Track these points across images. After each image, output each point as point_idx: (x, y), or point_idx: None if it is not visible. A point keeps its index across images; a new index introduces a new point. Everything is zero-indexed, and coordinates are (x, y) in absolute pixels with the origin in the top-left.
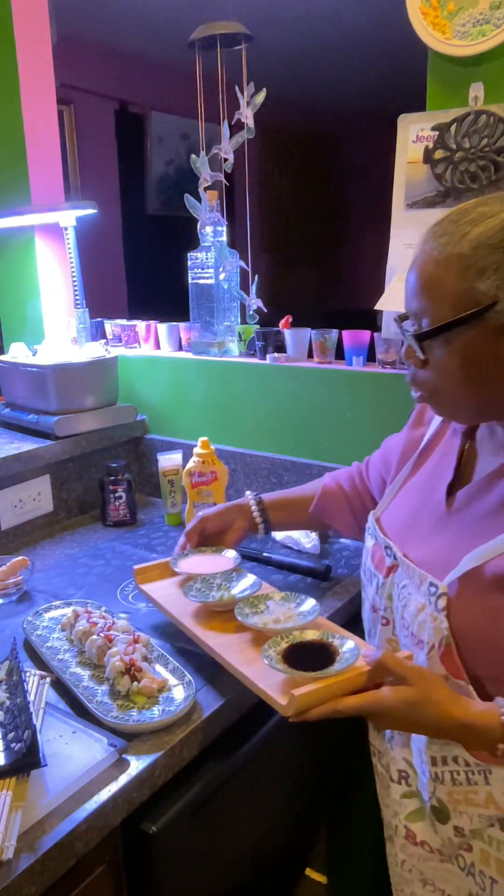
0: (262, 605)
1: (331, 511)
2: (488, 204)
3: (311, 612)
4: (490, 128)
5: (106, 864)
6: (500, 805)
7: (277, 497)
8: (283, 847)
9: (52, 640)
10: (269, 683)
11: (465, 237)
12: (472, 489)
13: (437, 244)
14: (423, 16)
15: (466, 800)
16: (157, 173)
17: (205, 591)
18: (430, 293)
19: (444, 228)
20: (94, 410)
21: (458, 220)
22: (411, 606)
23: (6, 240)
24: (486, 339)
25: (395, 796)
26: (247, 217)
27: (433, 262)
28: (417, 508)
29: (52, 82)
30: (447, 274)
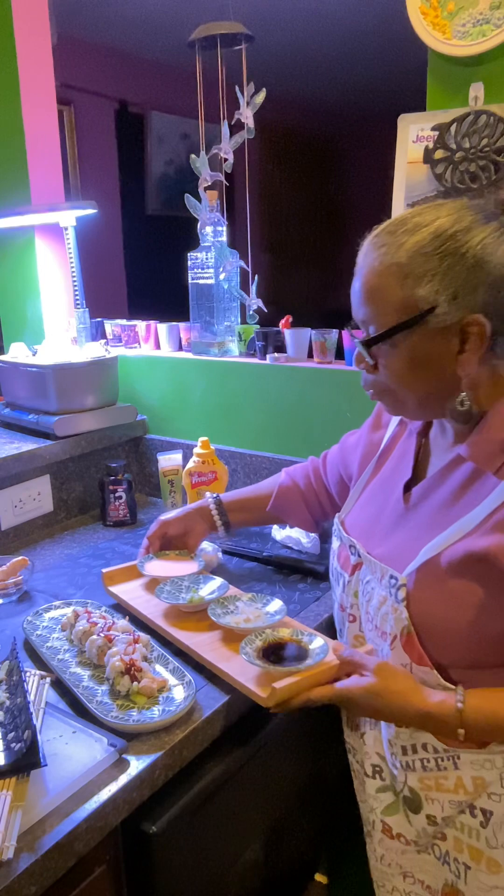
0: (232, 605)
1: (287, 509)
2: (423, 214)
3: (279, 612)
4: (490, 128)
5: (106, 864)
6: (468, 790)
7: (236, 498)
8: (288, 849)
9: (52, 640)
10: (248, 678)
11: (402, 247)
12: (426, 484)
13: (377, 255)
14: (423, 16)
15: (437, 786)
16: (157, 173)
17: (175, 593)
18: (373, 302)
19: (383, 239)
20: (94, 410)
21: (396, 230)
22: (374, 600)
23: (6, 240)
24: (428, 340)
25: (370, 791)
26: (247, 217)
27: (374, 272)
28: (379, 508)
29: (52, 82)
30: (388, 283)
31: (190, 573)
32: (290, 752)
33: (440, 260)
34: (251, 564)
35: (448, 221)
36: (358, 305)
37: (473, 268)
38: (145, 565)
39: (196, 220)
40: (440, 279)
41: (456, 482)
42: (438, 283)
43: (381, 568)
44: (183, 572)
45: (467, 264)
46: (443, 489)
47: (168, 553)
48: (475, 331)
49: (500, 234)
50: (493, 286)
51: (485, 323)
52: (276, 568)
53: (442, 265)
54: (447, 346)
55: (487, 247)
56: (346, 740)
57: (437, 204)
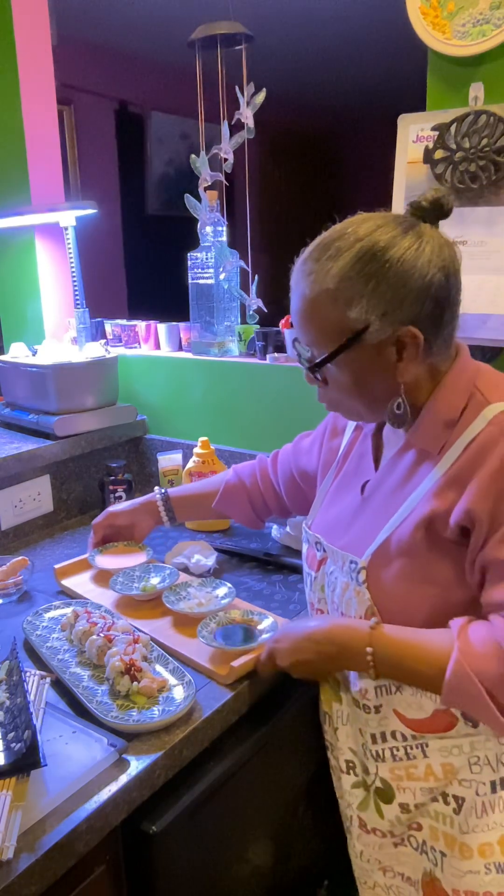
0: (184, 591)
1: (232, 506)
2: (343, 237)
3: (229, 595)
4: (490, 128)
5: (106, 864)
6: (438, 776)
7: (184, 494)
8: (288, 850)
9: (52, 640)
10: (207, 659)
11: (329, 273)
12: (378, 476)
13: (307, 283)
14: (423, 16)
15: (408, 774)
16: (157, 173)
17: (128, 584)
18: (311, 327)
19: (310, 266)
20: (94, 410)
21: (320, 257)
22: (338, 588)
23: (6, 240)
24: (367, 356)
25: (346, 787)
26: (247, 217)
27: (307, 299)
28: (341, 507)
29: (52, 82)
30: (321, 308)
31: (140, 563)
32: (290, 751)
33: (365, 282)
34: (251, 564)
35: (367, 243)
36: (298, 328)
37: (397, 284)
38: (96, 558)
39: (196, 220)
40: (367, 300)
41: (404, 467)
42: (367, 303)
43: (342, 556)
44: (133, 563)
45: (391, 282)
46: (393, 476)
47: (117, 545)
48: (409, 340)
49: (418, 246)
50: (419, 297)
51: (417, 333)
52: (276, 568)
53: (367, 287)
54: (386, 357)
55: (406, 262)
56: (325, 737)
57: (361, 219)
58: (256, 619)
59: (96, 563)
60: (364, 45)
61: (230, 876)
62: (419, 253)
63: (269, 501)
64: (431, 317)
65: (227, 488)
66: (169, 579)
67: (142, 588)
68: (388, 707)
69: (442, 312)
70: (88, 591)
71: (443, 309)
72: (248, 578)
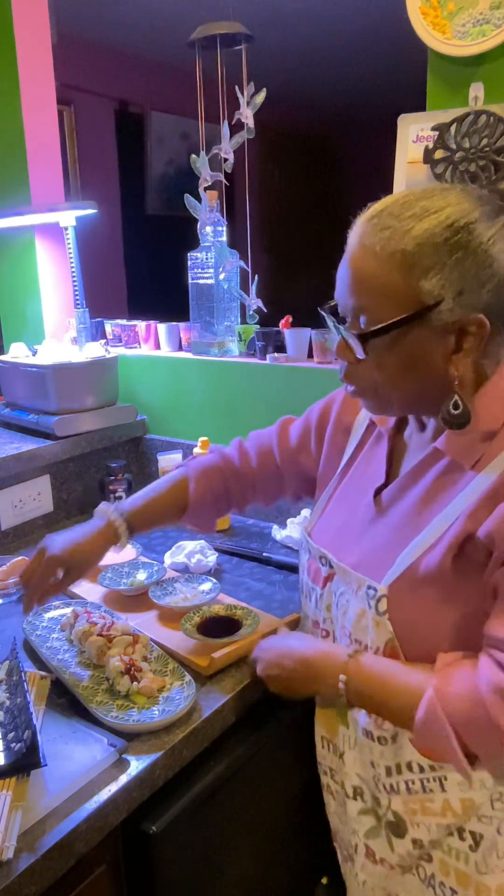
0: (171, 586)
1: (201, 519)
2: (430, 198)
3: (213, 590)
4: (490, 128)
5: (106, 864)
6: (457, 812)
7: (143, 510)
8: (289, 849)
9: (51, 640)
10: (189, 651)
11: (409, 233)
12: (397, 485)
13: (378, 238)
14: (423, 16)
15: (423, 809)
16: (157, 173)
17: (116, 579)
18: (370, 290)
19: (385, 221)
20: (94, 410)
21: (400, 214)
22: (351, 613)
23: (6, 240)
24: (426, 339)
25: (352, 813)
26: (247, 217)
27: (374, 257)
28: (348, 515)
29: (52, 82)
30: (390, 271)
31: (128, 559)
32: (290, 751)
33: (450, 252)
34: (251, 564)
35: (458, 211)
36: (348, 292)
37: (482, 264)
38: None
39: (196, 220)
40: (448, 273)
41: (430, 479)
42: (446, 277)
43: (357, 578)
44: (122, 559)
45: (477, 260)
46: (416, 488)
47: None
48: (474, 331)
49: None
50: (499, 286)
51: (485, 323)
52: (276, 568)
53: (451, 258)
54: (443, 344)
55: (496, 244)
56: (321, 761)
57: (443, 188)
58: (239, 613)
59: None
60: (364, 45)
61: (230, 876)
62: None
63: (238, 503)
64: (502, 311)
65: (196, 502)
66: (156, 575)
67: (129, 583)
68: (404, 736)
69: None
70: (77, 587)
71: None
72: (248, 578)
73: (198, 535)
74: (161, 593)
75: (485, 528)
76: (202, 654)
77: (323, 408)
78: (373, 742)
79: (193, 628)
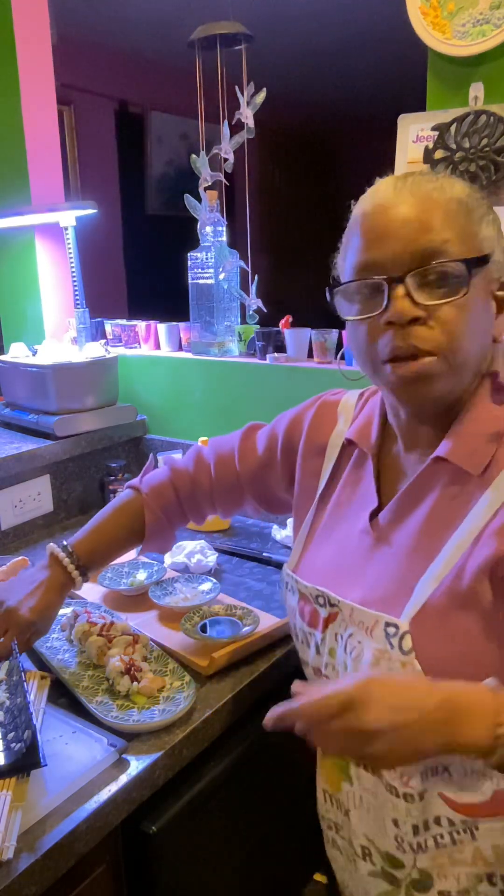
0: (171, 586)
1: (160, 543)
2: (439, 180)
3: (213, 590)
4: (490, 128)
5: (106, 864)
6: (488, 860)
7: (93, 546)
8: (289, 849)
9: (51, 640)
10: (189, 650)
11: (455, 186)
12: (395, 506)
13: (431, 187)
14: (423, 16)
15: (451, 861)
16: (157, 173)
17: (116, 579)
18: (447, 227)
19: (430, 177)
20: (94, 410)
21: (432, 178)
22: (367, 656)
23: (6, 240)
24: (484, 291)
25: (363, 872)
26: (247, 217)
27: (435, 202)
28: (340, 546)
29: (52, 82)
30: (456, 213)
31: (128, 559)
32: (290, 752)
33: (488, 207)
34: (251, 564)
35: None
36: (419, 233)
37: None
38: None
39: (196, 220)
40: (493, 224)
41: (435, 496)
42: (493, 227)
43: (372, 616)
44: (122, 559)
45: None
46: (420, 508)
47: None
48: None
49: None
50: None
51: None
52: (276, 568)
53: (491, 213)
54: (490, 307)
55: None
56: (324, 815)
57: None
58: (239, 613)
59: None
60: (364, 45)
61: (230, 876)
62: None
63: (195, 517)
64: None
65: (153, 530)
66: (156, 575)
67: (129, 583)
68: (434, 791)
69: None
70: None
71: None
72: (249, 578)
73: (197, 535)
74: (161, 593)
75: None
76: (202, 654)
77: (292, 421)
78: (397, 799)
79: (193, 628)
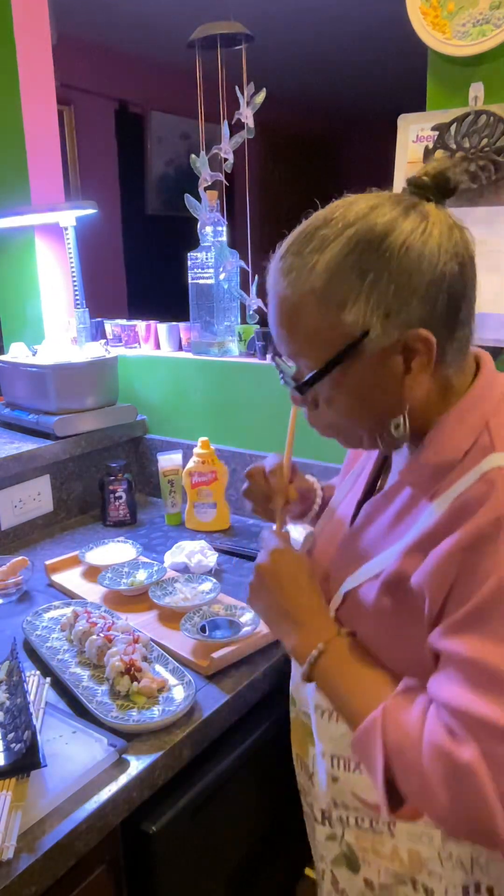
0: (171, 586)
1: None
2: (328, 224)
3: (213, 590)
4: (490, 128)
5: (106, 864)
6: (404, 862)
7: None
8: (286, 847)
9: (51, 640)
10: (189, 651)
11: (314, 270)
12: (373, 504)
13: (287, 283)
14: (423, 16)
15: (374, 850)
16: (157, 173)
17: (116, 579)
18: (296, 337)
19: (291, 263)
20: (94, 410)
21: (302, 250)
22: None
23: (6, 240)
24: (368, 368)
25: (319, 838)
26: (247, 217)
27: (290, 303)
28: (335, 527)
29: (52, 82)
30: (308, 314)
31: (128, 559)
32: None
33: (360, 277)
34: (251, 564)
35: (361, 228)
36: (278, 339)
37: (401, 277)
38: (86, 555)
39: (196, 220)
40: (365, 298)
41: (397, 506)
42: (364, 303)
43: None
44: (121, 559)
45: (393, 275)
46: (387, 512)
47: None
48: (421, 347)
49: (423, 229)
50: (429, 292)
51: (429, 337)
52: None
53: (364, 282)
54: (391, 368)
55: (412, 249)
56: (298, 780)
57: (349, 201)
58: (238, 614)
59: (86, 559)
60: (364, 45)
61: (230, 876)
62: (426, 237)
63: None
64: (444, 316)
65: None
66: (156, 575)
67: (129, 583)
68: (346, 784)
69: (457, 311)
70: (78, 587)
71: (458, 306)
72: (248, 578)
73: (197, 535)
74: (161, 593)
75: (417, 576)
76: (202, 654)
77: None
78: (331, 767)
79: (194, 628)
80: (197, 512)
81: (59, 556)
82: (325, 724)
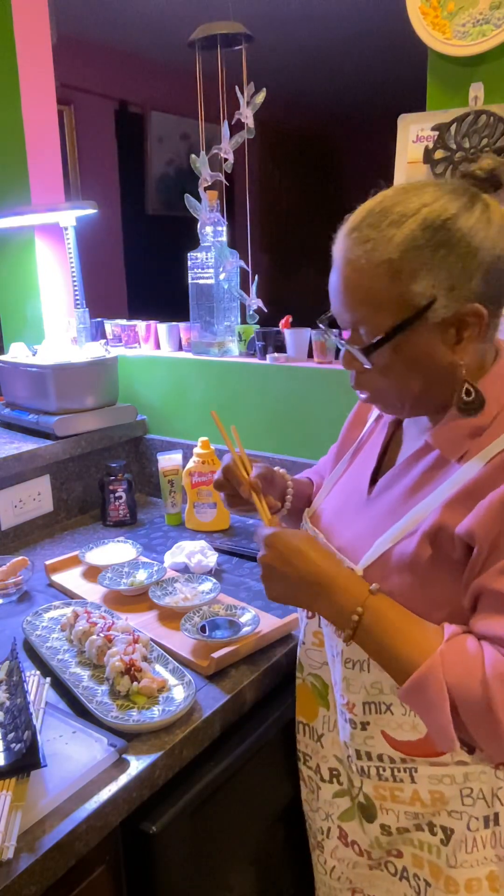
0: (171, 586)
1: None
2: (405, 202)
3: (213, 590)
4: (490, 128)
5: (106, 864)
6: (425, 803)
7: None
8: (286, 847)
9: (51, 640)
10: (190, 651)
11: (391, 242)
12: (392, 473)
13: (362, 252)
14: (423, 16)
15: (392, 796)
16: (157, 173)
17: (116, 579)
18: (364, 303)
19: (367, 234)
20: (94, 410)
21: (379, 223)
22: None
23: (6, 240)
24: (426, 337)
25: (326, 797)
26: (247, 217)
27: (361, 271)
28: (346, 499)
29: (52, 82)
30: (380, 282)
31: (128, 559)
32: (290, 752)
33: (433, 252)
34: (251, 564)
35: (435, 210)
36: (343, 307)
37: (466, 256)
38: (86, 554)
39: (196, 220)
40: (435, 272)
41: (420, 470)
42: (434, 276)
43: (341, 559)
44: (122, 559)
45: (460, 253)
46: (407, 478)
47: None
48: (473, 320)
49: (487, 219)
50: (487, 273)
51: (483, 311)
52: None
53: (435, 257)
54: (444, 338)
55: (478, 233)
56: (299, 748)
57: (416, 187)
58: (238, 614)
59: (86, 559)
60: (364, 45)
61: (230, 876)
62: (488, 223)
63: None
64: (497, 294)
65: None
66: (156, 575)
67: (129, 583)
68: (376, 727)
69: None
70: (78, 587)
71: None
72: (248, 578)
73: (197, 535)
74: (161, 593)
75: (464, 526)
76: (202, 654)
77: (355, 409)
78: (345, 723)
79: (194, 628)
80: (197, 512)
81: (59, 556)
82: (357, 675)
